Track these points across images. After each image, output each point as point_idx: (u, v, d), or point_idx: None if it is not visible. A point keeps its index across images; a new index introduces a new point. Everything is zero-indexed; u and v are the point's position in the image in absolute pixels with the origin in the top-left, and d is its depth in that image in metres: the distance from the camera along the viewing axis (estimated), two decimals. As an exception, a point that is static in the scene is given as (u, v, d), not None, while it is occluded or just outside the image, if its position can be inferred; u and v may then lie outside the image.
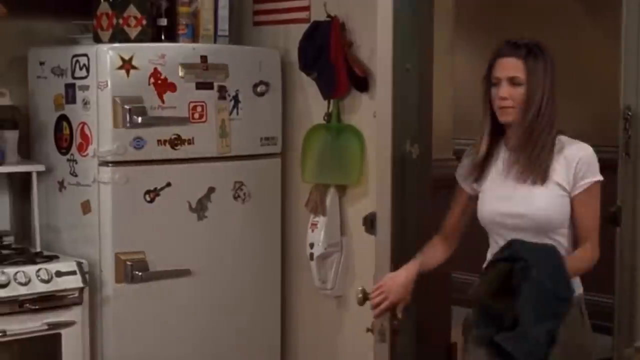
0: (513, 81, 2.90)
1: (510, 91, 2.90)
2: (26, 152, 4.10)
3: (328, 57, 4.02)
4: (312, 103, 4.25)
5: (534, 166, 2.90)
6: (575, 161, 2.90)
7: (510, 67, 2.91)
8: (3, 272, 3.58)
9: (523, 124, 2.91)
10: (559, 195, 2.90)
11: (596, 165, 2.92)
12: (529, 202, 2.92)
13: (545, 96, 2.91)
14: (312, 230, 4.13)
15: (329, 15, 4.06)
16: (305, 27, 4.14)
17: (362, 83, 4.03)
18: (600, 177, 2.92)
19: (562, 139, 2.95)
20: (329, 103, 4.14)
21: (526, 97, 2.90)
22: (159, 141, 3.89)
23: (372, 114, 3.66)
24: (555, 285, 2.73)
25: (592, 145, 2.95)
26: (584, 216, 2.91)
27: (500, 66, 2.93)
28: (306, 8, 4.25)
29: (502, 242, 2.93)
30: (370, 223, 3.69)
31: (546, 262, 2.76)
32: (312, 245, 4.13)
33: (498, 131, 3.01)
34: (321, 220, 4.12)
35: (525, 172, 2.92)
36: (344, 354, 4.23)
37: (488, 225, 3.03)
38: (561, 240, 2.92)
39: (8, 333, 3.57)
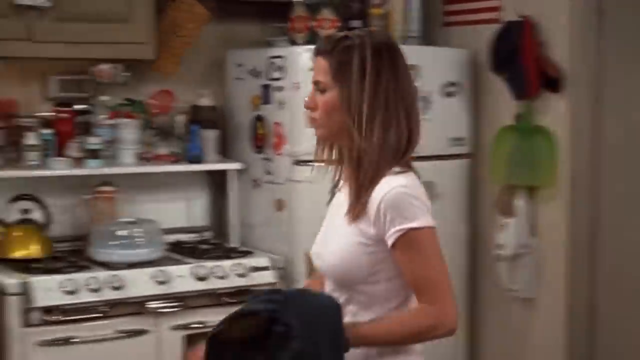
0: (317, 87, 2.26)
1: (314, 98, 2.26)
2: (222, 150, 4.24)
3: (520, 57, 3.99)
4: (501, 104, 4.21)
5: (350, 202, 2.24)
6: (377, 202, 2.17)
7: (315, 68, 2.27)
8: (203, 266, 3.73)
9: (337, 143, 2.29)
10: (357, 243, 2.20)
11: (416, 208, 2.16)
12: (328, 242, 2.31)
13: (363, 109, 2.18)
14: (501, 231, 4.11)
15: (520, 15, 4.03)
16: (495, 27, 4.13)
17: (554, 84, 3.97)
18: (419, 224, 2.15)
19: (394, 170, 2.21)
20: (519, 104, 4.11)
21: (329, 107, 2.22)
22: (351, 141, 3.95)
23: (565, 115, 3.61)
24: None
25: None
26: (409, 273, 2.17)
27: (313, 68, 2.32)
28: (496, 8, 4.22)
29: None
30: None
31: (317, 332, 2.07)
32: (500, 247, 4.11)
33: None
34: (511, 221, 4.09)
35: (344, 205, 2.27)
36: (532, 358, 4.18)
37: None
38: (365, 301, 2.23)
39: (207, 325, 3.67)
